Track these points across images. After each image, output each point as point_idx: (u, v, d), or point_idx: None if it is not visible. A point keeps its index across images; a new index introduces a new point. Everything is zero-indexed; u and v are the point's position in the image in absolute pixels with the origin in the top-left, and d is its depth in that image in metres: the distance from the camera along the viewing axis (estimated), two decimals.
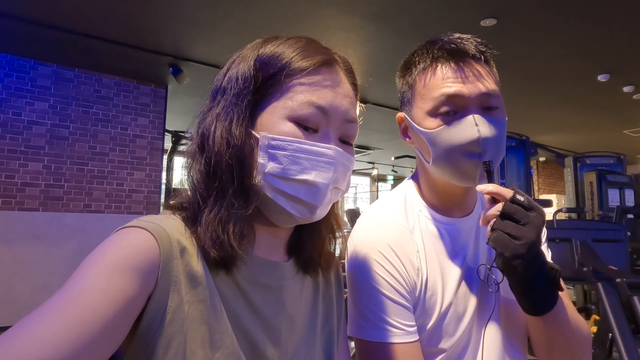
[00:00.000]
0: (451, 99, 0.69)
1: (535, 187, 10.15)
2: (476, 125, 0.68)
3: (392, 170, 11.17)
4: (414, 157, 0.84)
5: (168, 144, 5.63)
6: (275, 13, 3.51)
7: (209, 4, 3.40)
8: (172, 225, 0.50)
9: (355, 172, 11.60)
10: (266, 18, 3.56)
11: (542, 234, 0.81)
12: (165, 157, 5.27)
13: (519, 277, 0.62)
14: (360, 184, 12.29)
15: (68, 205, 4.60)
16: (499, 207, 0.62)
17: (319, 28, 3.72)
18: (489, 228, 0.63)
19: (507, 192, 0.63)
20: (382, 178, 11.92)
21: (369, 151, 8.90)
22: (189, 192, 0.55)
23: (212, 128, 0.53)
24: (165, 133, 5.30)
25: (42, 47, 4.24)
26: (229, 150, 0.52)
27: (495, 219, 0.62)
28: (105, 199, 4.80)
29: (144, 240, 0.46)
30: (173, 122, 5.73)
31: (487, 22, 3.59)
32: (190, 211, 0.52)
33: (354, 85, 0.60)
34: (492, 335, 0.75)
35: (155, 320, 0.45)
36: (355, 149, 0.62)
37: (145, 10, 3.53)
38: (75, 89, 4.73)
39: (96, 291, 0.41)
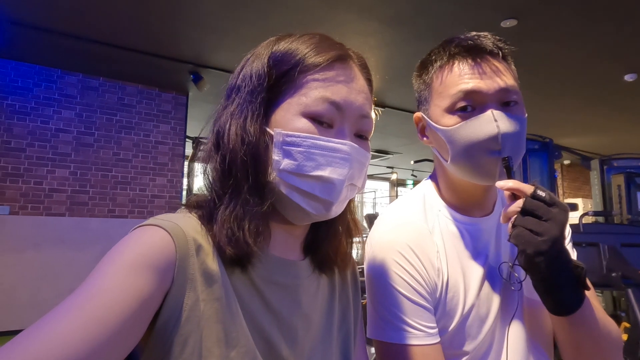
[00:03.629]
0: (469, 95, 0.69)
1: (560, 191, 9.89)
2: (495, 120, 0.66)
3: (412, 175, 11.07)
4: (432, 161, 0.83)
5: (189, 150, 5.73)
6: (293, 19, 3.54)
7: (227, 12, 3.45)
8: (188, 223, 0.50)
9: (374, 177, 11.54)
10: (284, 24, 3.60)
11: (566, 232, 0.79)
12: (186, 163, 5.36)
13: (542, 275, 0.60)
14: (379, 189, 12.21)
15: (93, 211, 4.72)
16: (519, 203, 0.61)
17: (337, 33, 3.70)
18: (510, 225, 0.62)
19: (528, 188, 0.61)
20: (401, 182, 11.82)
21: (388, 156, 8.84)
22: (205, 191, 0.55)
23: (227, 126, 0.53)
24: (186, 139, 5.40)
25: (69, 57, 4.39)
26: (243, 148, 0.51)
27: (516, 216, 0.61)
28: (129, 205, 4.91)
29: (160, 238, 0.46)
30: (194, 129, 5.83)
31: (508, 23, 3.54)
32: (206, 209, 0.53)
33: (369, 80, 0.60)
34: (515, 335, 0.73)
35: (171, 318, 0.45)
36: (374, 153, 0.62)
37: (166, 19, 3.62)
38: (100, 98, 4.87)
39: (113, 289, 0.41)
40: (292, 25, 3.60)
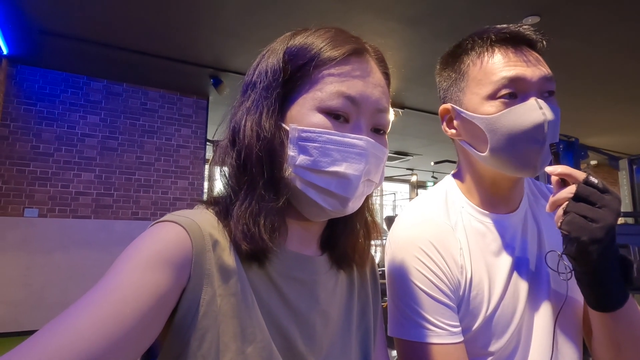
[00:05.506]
0: (513, 82, 0.67)
1: None
2: (540, 108, 0.65)
3: (432, 177, 10.94)
4: (453, 162, 0.81)
5: (210, 154, 5.81)
6: (311, 21, 3.53)
7: (246, 16, 3.49)
8: (204, 219, 0.50)
9: (393, 179, 11.45)
10: (302, 26, 3.61)
11: None
12: (207, 166, 5.43)
13: (592, 265, 0.57)
14: (399, 191, 12.10)
15: (117, 213, 4.83)
16: (571, 189, 0.58)
17: (356, 34, 3.71)
18: (560, 212, 0.59)
19: (580, 174, 0.59)
20: (421, 184, 11.69)
21: (408, 157, 8.76)
22: (222, 188, 0.55)
23: (243, 122, 0.53)
24: (207, 143, 5.48)
25: (94, 64, 4.52)
26: (258, 143, 0.51)
27: (567, 202, 0.58)
28: (151, 207, 5.01)
29: (177, 234, 0.46)
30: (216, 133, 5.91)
31: (530, 20, 3.46)
32: (223, 205, 0.53)
33: (386, 74, 0.59)
34: (544, 334, 0.70)
35: (189, 313, 0.45)
36: (393, 155, 0.61)
37: (186, 25, 3.68)
38: (124, 103, 4.99)
39: (131, 286, 0.41)
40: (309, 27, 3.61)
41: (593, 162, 9.49)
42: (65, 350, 0.36)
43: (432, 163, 9.46)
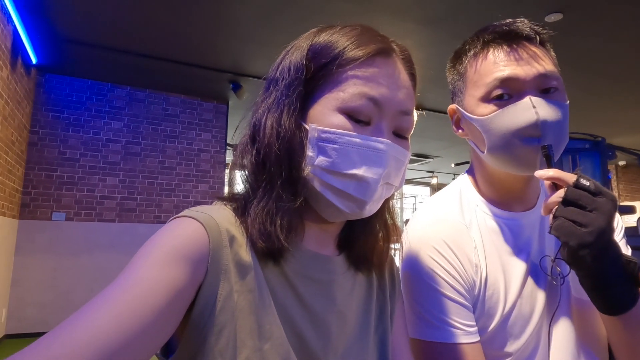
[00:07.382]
0: (505, 82, 0.66)
1: (615, 194, 9.28)
2: (534, 107, 0.63)
3: (453, 179, 10.74)
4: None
5: (230, 158, 5.88)
6: (328, 23, 3.57)
7: (264, 21, 3.53)
8: (222, 215, 0.50)
9: (414, 182, 11.34)
10: None
11: (618, 225, 0.74)
12: (227, 170, 5.49)
13: (588, 270, 0.56)
14: (419, 194, 11.96)
15: (140, 217, 4.94)
16: (560, 193, 0.57)
17: None
18: (551, 216, 0.58)
19: (570, 177, 0.57)
20: (442, 187, 11.51)
21: (428, 159, 8.66)
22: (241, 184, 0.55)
23: (263, 119, 0.53)
24: (227, 147, 5.55)
25: (118, 71, 4.64)
26: (278, 142, 0.51)
27: (557, 206, 0.57)
28: (173, 210, 5.09)
29: (194, 230, 0.46)
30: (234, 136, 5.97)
31: (553, 18, 3.39)
32: (241, 202, 0.53)
33: (412, 75, 0.58)
34: (563, 337, 0.68)
35: (206, 308, 0.45)
36: (413, 157, 0.59)
37: (206, 31, 3.75)
38: (146, 109, 5.11)
39: (148, 281, 0.41)
40: None
41: (621, 163, 9.19)
42: (83, 344, 0.36)
43: (453, 165, 9.33)
